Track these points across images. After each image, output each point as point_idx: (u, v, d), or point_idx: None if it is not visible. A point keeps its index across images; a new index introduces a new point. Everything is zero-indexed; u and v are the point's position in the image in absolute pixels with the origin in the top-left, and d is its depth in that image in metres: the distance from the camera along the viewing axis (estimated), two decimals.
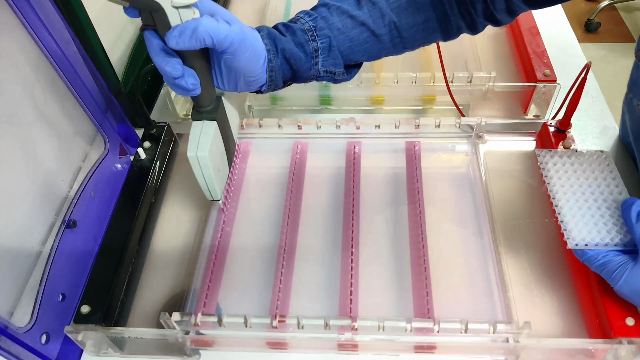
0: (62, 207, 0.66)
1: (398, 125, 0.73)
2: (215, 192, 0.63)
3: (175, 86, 0.53)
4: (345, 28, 0.56)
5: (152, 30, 0.50)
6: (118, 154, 0.75)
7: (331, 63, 0.57)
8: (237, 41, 0.50)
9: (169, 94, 0.79)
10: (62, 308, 0.60)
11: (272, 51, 0.54)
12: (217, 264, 0.63)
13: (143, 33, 0.51)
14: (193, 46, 0.49)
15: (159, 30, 0.49)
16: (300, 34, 0.55)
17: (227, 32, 0.49)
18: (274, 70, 0.55)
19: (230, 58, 0.51)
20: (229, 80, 0.56)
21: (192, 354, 0.58)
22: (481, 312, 0.58)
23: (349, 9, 0.56)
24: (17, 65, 0.59)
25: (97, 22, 0.68)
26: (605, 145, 0.77)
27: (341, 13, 0.56)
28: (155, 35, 0.50)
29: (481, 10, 0.57)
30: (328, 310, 0.59)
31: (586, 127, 0.80)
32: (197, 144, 0.58)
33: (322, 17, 0.56)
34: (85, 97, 0.68)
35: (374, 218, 0.67)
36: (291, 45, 0.55)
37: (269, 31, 0.55)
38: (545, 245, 0.64)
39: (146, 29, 0.50)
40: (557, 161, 0.61)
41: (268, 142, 0.77)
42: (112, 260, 0.60)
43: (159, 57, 0.50)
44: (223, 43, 0.49)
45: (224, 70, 0.55)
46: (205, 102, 0.58)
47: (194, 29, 0.48)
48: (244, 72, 0.53)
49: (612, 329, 0.52)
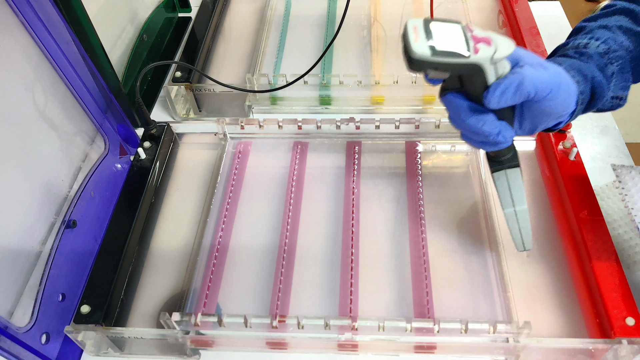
0: (62, 207, 0.66)
1: (398, 125, 0.73)
2: (529, 242, 0.58)
3: (486, 143, 0.50)
4: (633, 46, 0.52)
5: (456, 92, 0.48)
6: (118, 154, 0.75)
7: (621, 86, 0.53)
8: (557, 86, 0.46)
9: (169, 94, 0.80)
10: (62, 308, 0.60)
11: (581, 83, 0.50)
12: (217, 264, 0.63)
13: (443, 97, 0.49)
14: (515, 102, 0.46)
15: (468, 90, 0.47)
16: (598, 58, 0.51)
17: (548, 79, 0.46)
18: (582, 103, 0.51)
19: (546, 104, 0.47)
20: (530, 125, 0.50)
21: (192, 354, 0.58)
22: (481, 312, 0.58)
23: (631, 26, 0.53)
24: (17, 65, 0.59)
25: (97, 22, 0.68)
26: (605, 145, 0.77)
27: (625, 31, 0.53)
28: (461, 96, 0.48)
29: None
30: (328, 310, 0.59)
31: (586, 127, 0.80)
32: (510, 197, 0.55)
33: (609, 38, 0.52)
34: (85, 97, 0.68)
35: (374, 218, 0.67)
36: (597, 72, 0.50)
37: (570, 63, 0.51)
38: (545, 245, 0.64)
39: (450, 93, 0.48)
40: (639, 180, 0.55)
41: (268, 142, 0.77)
42: (112, 260, 0.60)
43: (471, 119, 0.47)
44: (544, 91, 0.46)
45: (531, 116, 0.49)
46: (508, 150, 0.54)
47: (519, 83, 0.45)
48: (555, 113, 0.49)
49: (612, 329, 0.52)
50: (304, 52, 0.91)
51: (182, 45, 0.94)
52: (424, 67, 0.45)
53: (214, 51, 0.92)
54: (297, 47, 0.92)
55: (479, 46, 0.44)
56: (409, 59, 0.45)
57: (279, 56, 0.90)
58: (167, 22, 0.98)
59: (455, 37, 0.45)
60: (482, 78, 0.46)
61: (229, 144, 0.77)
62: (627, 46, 0.52)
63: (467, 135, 0.51)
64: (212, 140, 0.77)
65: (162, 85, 0.88)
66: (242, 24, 0.98)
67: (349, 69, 0.88)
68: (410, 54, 0.44)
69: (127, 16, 0.86)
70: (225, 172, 0.73)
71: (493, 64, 0.45)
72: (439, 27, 0.45)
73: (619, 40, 0.52)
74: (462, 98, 0.48)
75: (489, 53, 0.44)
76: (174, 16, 1.01)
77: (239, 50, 0.92)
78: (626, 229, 0.65)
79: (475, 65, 0.45)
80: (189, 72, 0.81)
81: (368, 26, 0.95)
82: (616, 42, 0.52)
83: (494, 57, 0.45)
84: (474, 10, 0.97)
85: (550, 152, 0.69)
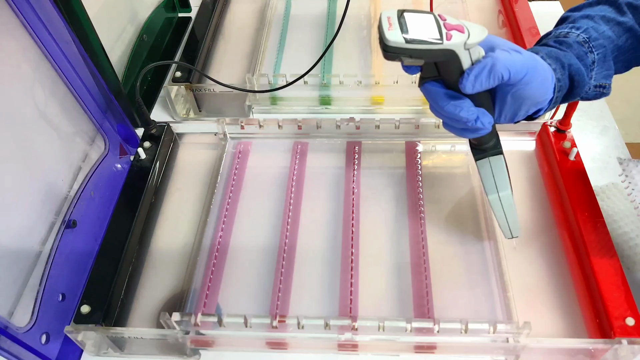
0: (62, 207, 0.66)
1: (398, 126, 0.73)
2: (516, 228, 0.59)
3: (466, 130, 0.51)
4: (615, 36, 0.53)
5: (433, 80, 0.49)
6: (118, 154, 0.75)
7: (604, 75, 0.54)
8: (532, 69, 0.47)
9: (169, 94, 0.80)
10: (62, 308, 0.60)
11: (558, 70, 0.51)
12: (217, 264, 0.63)
13: (422, 87, 0.50)
14: (490, 85, 0.47)
15: (445, 78, 0.49)
16: (577, 47, 0.52)
17: (521, 62, 0.47)
18: (561, 90, 0.52)
19: (522, 88, 0.48)
20: (511, 112, 0.52)
21: (192, 354, 0.58)
22: (481, 312, 0.58)
23: (614, 16, 0.54)
24: (17, 65, 0.59)
25: (97, 22, 0.68)
26: (606, 145, 0.77)
27: (607, 21, 0.54)
28: (438, 84, 0.49)
29: None
30: (328, 310, 0.59)
31: (586, 127, 0.80)
32: (494, 183, 0.56)
33: (591, 27, 0.53)
34: (85, 97, 0.68)
35: (374, 218, 0.67)
36: (575, 60, 0.51)
37: (548, 51, 0.52)
38: (545, 245, 0.64)
39: (427, 82, 0.49)
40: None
41: (268, 142, 0.77)
42: (112, 260, 0.60)
43: (449, 105, 0.49)
44: (519, 74, 0.47)
45: (509, 102, 0.51)
46: (489, 137, 0.56)
47: (490, 67, 0.46)
48: (533, 99, 0.50)
49: (612, 329, 0.52)
50: (304, 52, 0.91)
51: (182, 45, 0.94)
52: (399, 55, 0.46)
53: (214, 51, 0.92)
54: (297, 47, 0.92)
55: (452, 33, 0.46)
56: (384, 47, 0.46)
57: (279, 56, 0.90)
58: (167, 22, 0.98)
59: (428, 25, 0.46)
60: (457, 65, 0.47)
61: (229, 144, 0.77)
62: (609, 35, 0.53)
63: (447, 123, 0.52)
64: (212, 140, 0.77)
65: (162, 85, 0.88)
66: (242, 24, 0.98)
67: (349, 69, 0.88)
68: (385, 42, 0.46)
69: (127, 16, 0.86)
70: (225, 172, 0.73)
71: (467, 50, 0.47)
72: (412, 17, 0.46)
73: (600, 30, 0.53)
74: (440, 86, 0.49)
75: (462, 39, 0.46)
76: (174, 16, 1.01)
77: (239, 50, 0.92)
78: (626, 229, 0.65)
79: (448, 51, 0.46)
80: (189, 72, 0.81)
81: (368, 26, 0.95)
82: (597, 31, 0.53)
83: (467, 43, 0.46)
84: (474, 10, 0.97)
85: (550, 152, 0.69)
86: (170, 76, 0.82)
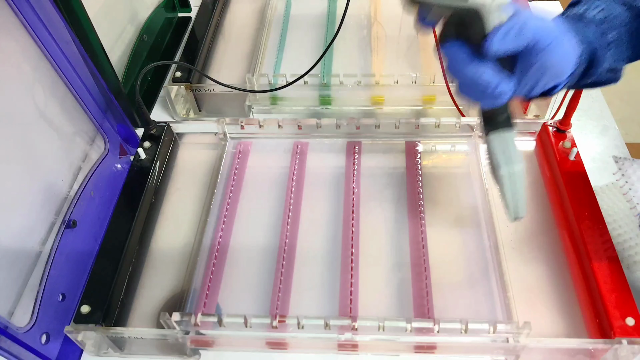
0: (62, 207, 0.66)
1: (398, 125, 0.73)
2: (523, 208, 0.54)
3: (484, 96, 0.47)
4: (629, 19, 0.51)
5: (455, 40, 0.47)
6: (118, 154, 0.75)
7: (618, 58, 0.51)
8: (560, 36, 0.45)
9: (169, 94, 0.80)
10: (62, 308, 0.60)
11: (580, 44, 0.48)
12: (217, 264, 0.63)
13: (442, 46, 0.48)
14: (517, 46, 0.44)
15: (468, 40, 0.46)
16: (597, 24, 0.50)
17: (550, 27, 0.44)
18: (580, 66, 0.49)
19: (547, 55, 0.45)
20: (531, 83, 0.48)
21: (192, 354, 0.58)
22: (481, 312, 0.58)
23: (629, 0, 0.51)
24: (17, 65, 0.59)
25: (97, 22, 0.68)
26: (605, 145, 0.77)
27: (623, 3, 0.51)
28: (461, 44, 0.46)
29: None
30: (328, 310, 0.59)
31: (586, 127, 0.80)
32: (504, 158, 0.52)
33: (607, 7, 0.51)
34: (85, 97, 0.68)
35: (374, 218, 0.67)
36: (595, 37, 0.49)
37: (571, 23, 0.49)
38: (545, 245, 0.64)
39: (448, 41, 0.47)
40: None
41: (268, 142, 0.77)
42: (112, 260, 0.60)
43: (470, 67, 0.46)
44: (546, 39, 0.44)
45: (532, 71, 0.47)
46: (504, 109, 0.52)
47: (521, 26, 0.43)
48: (555, 68, 0.46)
49: (612, 329, 0.52)
50: (304, 52, 0.91)
51: (182, 45, 0.94)
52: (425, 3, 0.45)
53: (214, 51, 0.92)
54: (297, 47, 0.92)
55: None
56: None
57: (279, 56, 0.90)
58: (167, 22, 0.98)
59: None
60: (481, 25, 0.45)
61: (229, 144, 0.77)
62: (624, 18, 0.51)
63: (464, 88, 0.49)
64: (212, 140, 0.77)
65: (162, 85, 0.88)
66: (242, 24, 0.98)
67: (349, 69, 0.87)
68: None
69: (127, 16, 0.86)
70: (225, 172, 0.73)
71: (494, 11, 0.44)
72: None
73: (616, 12, 0.51)
74: (462, 46, 0.47)
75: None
76: (174, 16, 1.01)
77: (239, 50, 0.92)
78: (626, 229, 0.65)
79: (474, 7, 0.44)
80: (189, 72, 0.81)
81: (368, 26, 0.95)
82: (613, 12, 0.51)
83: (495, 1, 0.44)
84: None
85: (550, 152, 0.69)
86: (170, 76, 0.82)
